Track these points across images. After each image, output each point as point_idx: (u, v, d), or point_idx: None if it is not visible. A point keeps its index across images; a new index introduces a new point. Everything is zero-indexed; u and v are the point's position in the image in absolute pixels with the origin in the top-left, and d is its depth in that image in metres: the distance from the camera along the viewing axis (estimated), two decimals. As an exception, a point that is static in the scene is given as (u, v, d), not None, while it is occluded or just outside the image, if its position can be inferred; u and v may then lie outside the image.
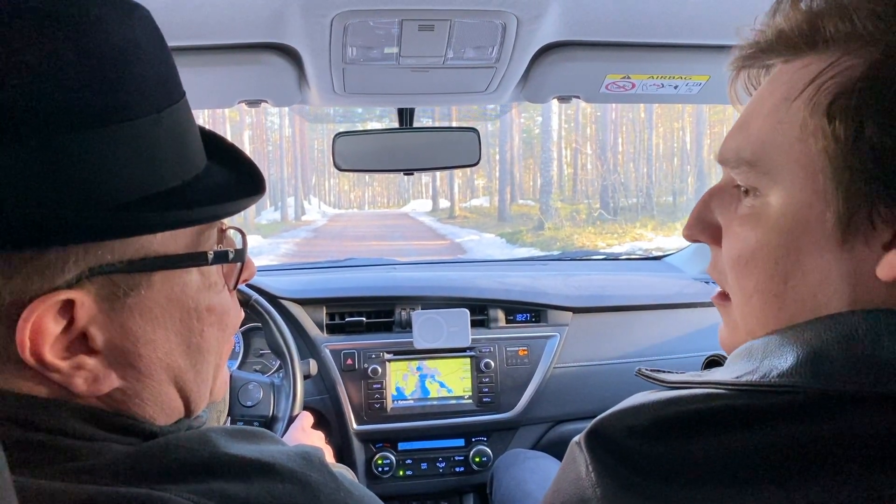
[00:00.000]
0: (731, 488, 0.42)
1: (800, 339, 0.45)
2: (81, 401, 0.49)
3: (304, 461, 0.54)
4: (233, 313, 0.60)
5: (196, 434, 0.51)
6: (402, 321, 1.74)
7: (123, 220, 0.46)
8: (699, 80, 1.18)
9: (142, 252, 0.48)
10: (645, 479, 0.44)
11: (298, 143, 37.81)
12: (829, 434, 0.41)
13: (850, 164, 0.42)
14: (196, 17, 0.95)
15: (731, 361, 0.50)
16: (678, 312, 1.84)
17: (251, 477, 0.49)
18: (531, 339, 1.74)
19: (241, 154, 0.60)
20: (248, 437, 0.54)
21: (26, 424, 0.45)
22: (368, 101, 1.30)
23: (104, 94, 0.44)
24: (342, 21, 0.93)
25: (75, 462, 0.45)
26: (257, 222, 27.08)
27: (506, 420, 1.70)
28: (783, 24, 0.48)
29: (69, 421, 0.47)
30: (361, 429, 1.65)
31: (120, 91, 0.45)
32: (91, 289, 0.46)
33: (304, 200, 35.69)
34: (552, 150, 22.04)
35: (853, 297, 0.44)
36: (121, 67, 0.45)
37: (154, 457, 0.48)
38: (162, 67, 0.49)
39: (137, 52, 0.46)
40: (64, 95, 0.42)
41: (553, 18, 0.96)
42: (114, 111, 0.45)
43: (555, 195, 25.42)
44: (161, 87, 0.49)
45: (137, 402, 0.52)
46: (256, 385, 1.27)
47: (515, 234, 19.36)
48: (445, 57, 1.05)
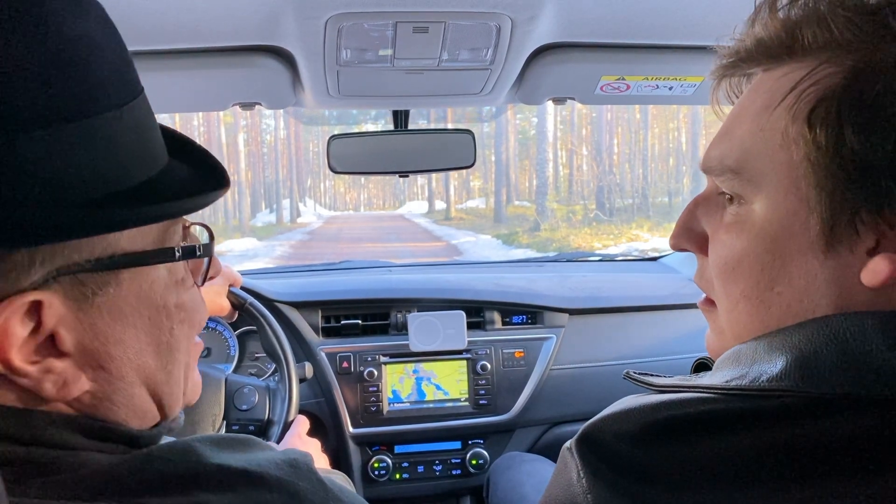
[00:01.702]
0: (724, 492, 0.42)
1: (788, 344, 0.45)
2: (50, 407, 0.47)
3: (292, 469, 0.53)
4: (201, 310, 0.59)
5: (180, 444, 0.50)
6: (397, 324, 1.73)
7: (93, 218, 0.45)
8: (694, 82, 1.18)
9: (109, 250, 0.47)
10: (636, 484, 0.44)
11: (293, 145, 37.65)
12: (820, 438, 0.41)
13: (832, 172, 0.43)
14: (190, 20, 0.94)
15: (719, 366, 0.50)
16: (674, 313, 1.85)
17: (237, 487, 0.48)
18: (527, 340, 1.74)
19: (198, 147, 0.59)
20: (234, 446, 0.53)
21: (1, 438, 0.44)
22: (363, 104, 1.29)
23: (65, 89, 0.43)
24: (336, 23, 0.93)
25: (55, 476, 0.44)
26: (252, 224, 27.00)
27: (502, 422, 1.69)
28: (762, 32, 0.49)
29: (47, 429, 0.46)
30: (358, 432, 1.64)
31: (82, 86, 0.44)
32: (59, 289, 0.45)
33: (299, 202, 35.43)
34: (548, 151, 22.11)
35: (839, 303, 0.44)
36: (80, 62, 0.44)
37: (136, 469, 0.47)
38: (119, 62, 0.48)
39: (93, 47, 0.45)
40: (24, 93, 0.41)
41: (547, 20, 0.96)
42: (76, 107, 0.44)
43: (551, 196, 25.53)
44: (120, 82, 0.48)
45: (108, 405, 0.50)
46: (252, 389, 1.27)
47: (511, 235, 19.39)
48: (440, 59, 1.05)
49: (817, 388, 0.42)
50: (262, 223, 28.44)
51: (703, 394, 0.46)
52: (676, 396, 0.47)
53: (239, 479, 0.49)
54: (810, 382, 0.42)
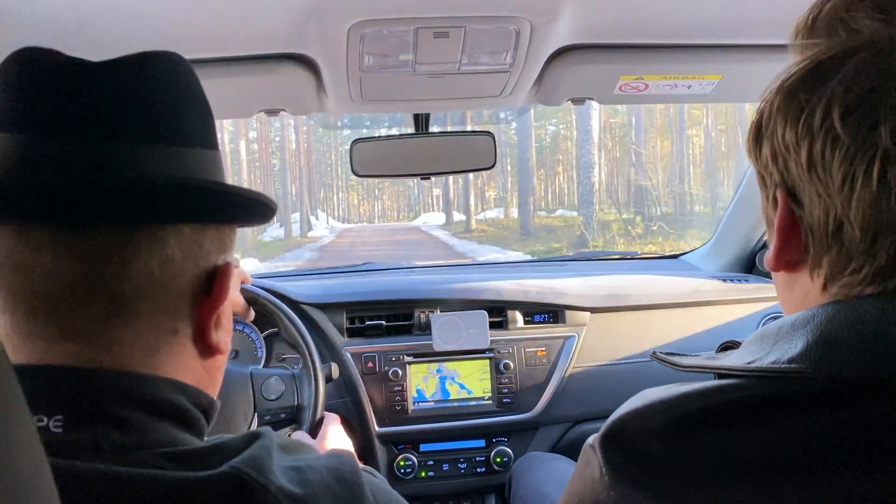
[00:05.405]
0: (750, 485, 0.42)
1: (810, 324, 0.45)
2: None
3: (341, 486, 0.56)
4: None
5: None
6: (421, 324, 1.75)
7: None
8: (712, 80, 1.18)
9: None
10: (660, 479, 0.44)
11: (304, 157, 36.74)
12: (846, 425, 0.41)
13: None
14: (217, 30, 0.97)
15: (746, 345, 0.51)
16: (696, 310, 1.84)
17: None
18: (550, 339, 1.75)
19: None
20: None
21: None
22: (385, 108, 1.31)
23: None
24: (358, 30, 0.95)
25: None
26: (260, 240, 24.94)
27: (526, 420, 1.70)
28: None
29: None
30: (383, 431, 1.66)
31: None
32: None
33: (310, 215, 33.87)
34: (593, 153, 18.66)
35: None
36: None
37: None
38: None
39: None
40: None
41: (566, 22, 0.98)
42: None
43: (602, 205, 20.84)
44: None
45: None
46: (278, 378, 1.29)
47: (551, 251, 16.08)
48: (460, 63, 1.07)
49: (838, 369, 0.42)
50: (271, 238, 26.51)
51: (724, 381, 0.47)
52: (697, 387, 0.47)
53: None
54: (830, 364, 0.42)
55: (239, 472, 0.47)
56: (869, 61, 0.43)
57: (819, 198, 0.46)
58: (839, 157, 0.44)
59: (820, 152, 0.45)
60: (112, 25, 0.92)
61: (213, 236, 0.56)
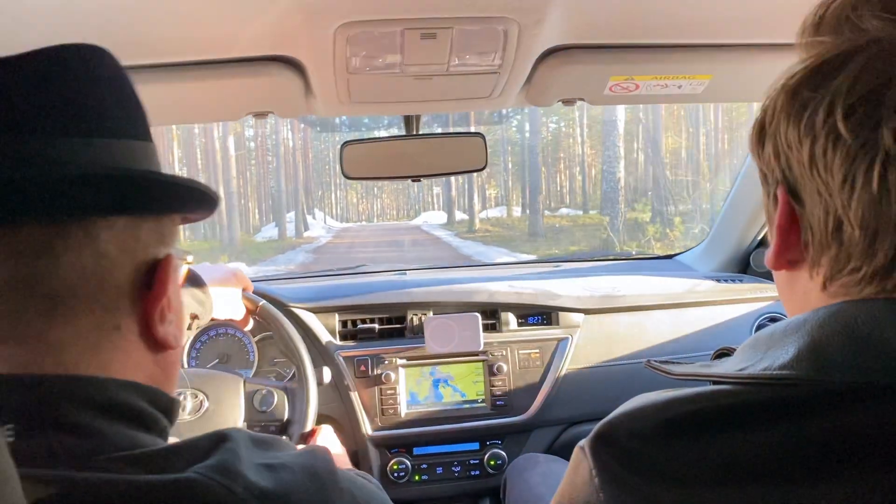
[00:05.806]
0: (738, 488, 0.42)
1: (801, 330, 0.45)
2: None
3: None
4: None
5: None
6: (413, 327, 1.74)
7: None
8: (703, 80, 1.18)
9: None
10: (649, 482, 0.44)
11: (301, 155, 36.25)
12: (836, 430, 0.41)
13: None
14: (202, 33, 0.96)
15: (739, 352, 0.51)
16: (690, 311, 1.84)
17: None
18: (543, 341, 1.74)
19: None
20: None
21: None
22: (374, 110, 1.31)
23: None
24: (345, 32, 0.94)
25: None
26: (253, 240, 24.21)
27: (520, 423, 1.70)
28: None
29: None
30: (376, 434, 1.65)
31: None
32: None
33: (307, 214, 33.03)
34: (619, 145, 16.79)
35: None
36: None
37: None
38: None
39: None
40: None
41: (554, 23, 0.97)
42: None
43: (622, 203, 17.86)
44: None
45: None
46: (270, 391, 1.30)
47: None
48: (449, 64, 1.06)
49: (829, 375, 0.42)
50: (266, 238, 25.34)
51: (716, 386, 0.47)
52: (688, 392, 0.47)
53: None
54: (822, 370, 0.42)
55: (204, 476, 0.46)
56: (873, 61, 0.43)
57: (819, 196, 0.46)
58: (840, 157, 0.43)
59: (822, 151, 0.45)
60: (95, 28, 0.91)
61: (151, 228, 0.55)
